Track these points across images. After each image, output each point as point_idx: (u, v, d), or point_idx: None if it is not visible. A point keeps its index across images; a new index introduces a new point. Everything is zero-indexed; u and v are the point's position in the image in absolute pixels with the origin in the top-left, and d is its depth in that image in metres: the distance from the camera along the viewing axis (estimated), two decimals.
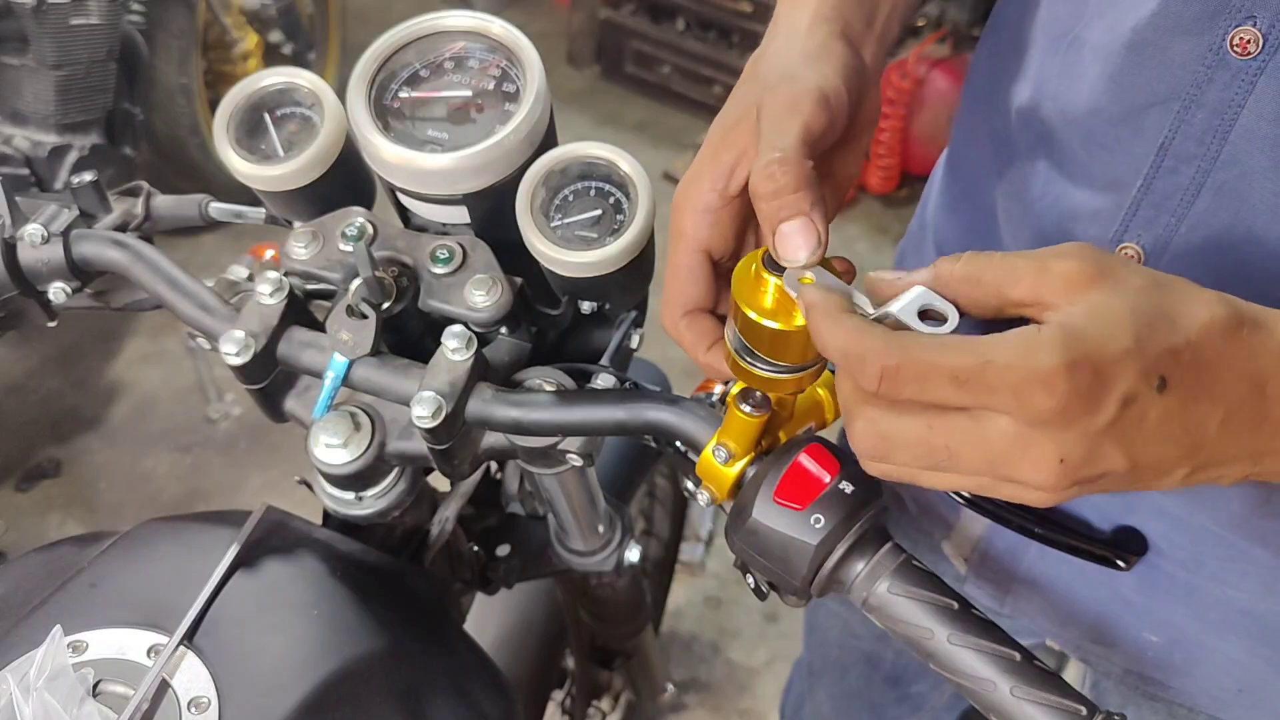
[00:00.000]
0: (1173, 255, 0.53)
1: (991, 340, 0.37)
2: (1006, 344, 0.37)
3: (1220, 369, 0.38)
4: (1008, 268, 0.39)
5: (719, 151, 0.52)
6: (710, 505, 0.55)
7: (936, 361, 0.37)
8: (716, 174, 0.52)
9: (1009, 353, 0.36)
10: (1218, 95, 0.47)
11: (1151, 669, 0.71)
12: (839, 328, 0.40)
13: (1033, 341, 0.37)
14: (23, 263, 0.67)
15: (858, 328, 0.40)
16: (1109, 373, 0.36)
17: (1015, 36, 0.61)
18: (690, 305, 0.54)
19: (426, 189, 0.60)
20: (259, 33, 2.68)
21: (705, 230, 0.53)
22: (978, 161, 0.67)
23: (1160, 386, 0.37)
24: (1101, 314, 0.37)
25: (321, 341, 0.62)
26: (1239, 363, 0.38)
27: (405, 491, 0.68)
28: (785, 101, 0.49)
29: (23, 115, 1.97)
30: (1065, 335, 0.36)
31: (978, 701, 0.46)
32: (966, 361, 0.37)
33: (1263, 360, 0.39)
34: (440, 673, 0.67)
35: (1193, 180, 0.50)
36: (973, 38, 2.79)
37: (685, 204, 0.53)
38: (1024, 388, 0.36)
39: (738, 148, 0.51)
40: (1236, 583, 0.63)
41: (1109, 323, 0.37)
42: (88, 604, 0.60)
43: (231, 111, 0.65)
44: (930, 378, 0.37)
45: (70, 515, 2.10)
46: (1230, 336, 0.38)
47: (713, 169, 0.52)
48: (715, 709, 1.89)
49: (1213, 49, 0.46)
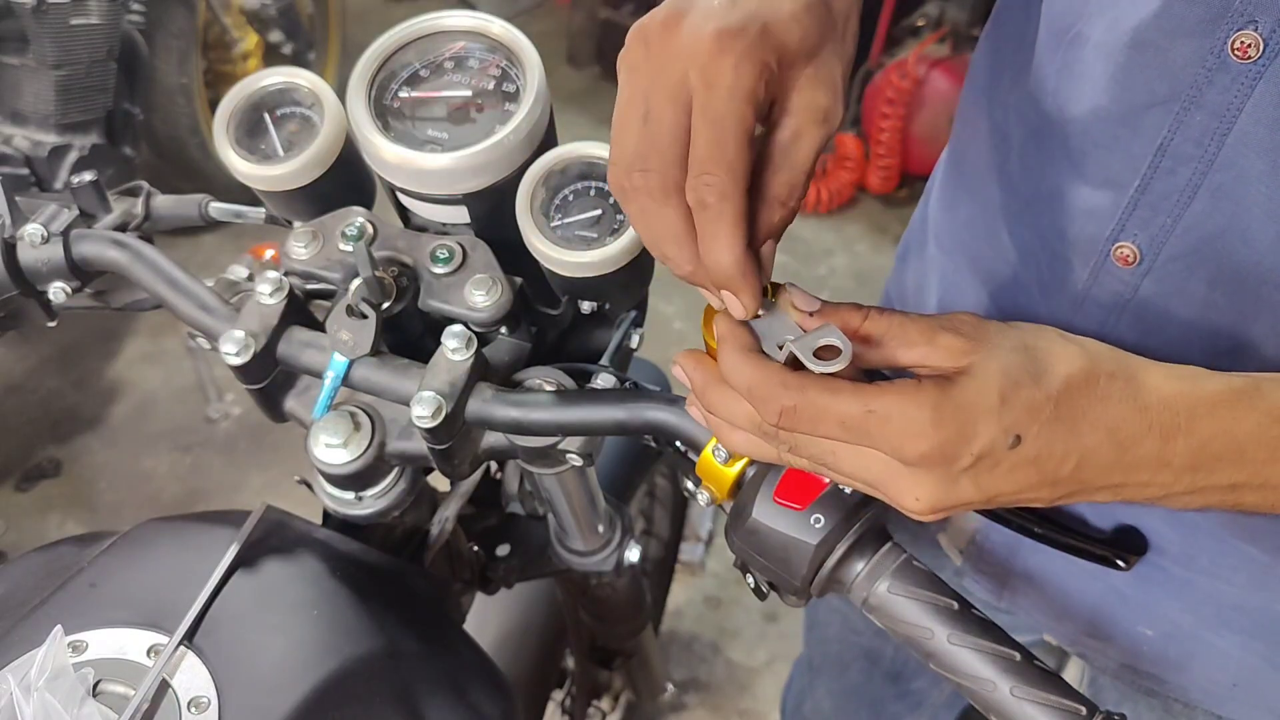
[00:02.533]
0: (1168, 255, 0.53)
1: (876, 390, 0.43)
2: (887, 396, 0.42)
3: (1076, 419, 0.43)
4: (903, 337, 0.44)
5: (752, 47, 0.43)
6: (710, 505, 0.55)
7: (827, 407, 0.43)
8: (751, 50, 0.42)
9: (888, 404, 0.42)
10: (1217, 98, 0.47)
11: (1147, 664, 0.72)
12: (744, 366, 0.44)
13: (910, 397, 0.42)
14: (23, 263, 0.67)
15: (759, 368, 0.44)
16: (969, 431, 0.42)
17: (1017, 33, 0.61)
18: (740, 178, 0.43)
19: (426, 189, 0.60)
20: (259, 33, 2.68)
21: (750, 81, 0.42)
22: (978, 158, 0.67)
23: (1014, 444, 0.42)
24: (975, 376, 0.42)
25: (321, 341, 0.62)
26: (1094, 413, 0.43)
27: (405, 491, 0.68)
28: (725, 73, 0.42)
29: (23, 115, 1.97)
30: (938, 395, 0.42)
31: (978, 701, 0.46)
32: (852, 410, 0.42)
33: (1115, 409, 0.43)
34: (440, 673, 0.67)
35: (1190, 181, 0.50)
36: (973, 38, 2.79)
37: (717, 39, 0.42)
38: (896, 438, 0.42)
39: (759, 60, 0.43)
40: (1229, 578, 0.63)
41: (980, 384, 0.42)
42: (88, 604, 0.60)
43: (231, 111, 0.65)
44: (821, 420, 0.43)
45: (70, 515, 2.10)
46: (1087, 388, 0.43)
47: (747, 45, 0.42)
48: (715, 709, 1.89)
49: (1214, 52, 0.47)
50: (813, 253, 2.82)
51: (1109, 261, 0.55)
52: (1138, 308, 0.56)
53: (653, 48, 0.44)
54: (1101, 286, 0.57)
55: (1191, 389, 0.43)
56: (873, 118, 2.83)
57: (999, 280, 0.66)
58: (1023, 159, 0.61)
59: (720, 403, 0.47)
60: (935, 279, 0.75)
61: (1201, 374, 0.44)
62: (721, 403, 0.47)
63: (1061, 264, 0.59)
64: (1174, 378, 0.44)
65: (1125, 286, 0.56)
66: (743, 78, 0.42)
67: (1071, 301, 0.59)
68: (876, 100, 2.80)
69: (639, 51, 0.45)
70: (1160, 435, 0.43)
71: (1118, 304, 0.57)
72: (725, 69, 0.42)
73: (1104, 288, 0.57)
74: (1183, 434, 0.43)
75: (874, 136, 2.84)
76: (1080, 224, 0.57)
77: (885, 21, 2.87)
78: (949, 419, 0.41)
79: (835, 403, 0.42)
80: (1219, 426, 0.43)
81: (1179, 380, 0.44)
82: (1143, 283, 0.55)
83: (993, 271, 0.67)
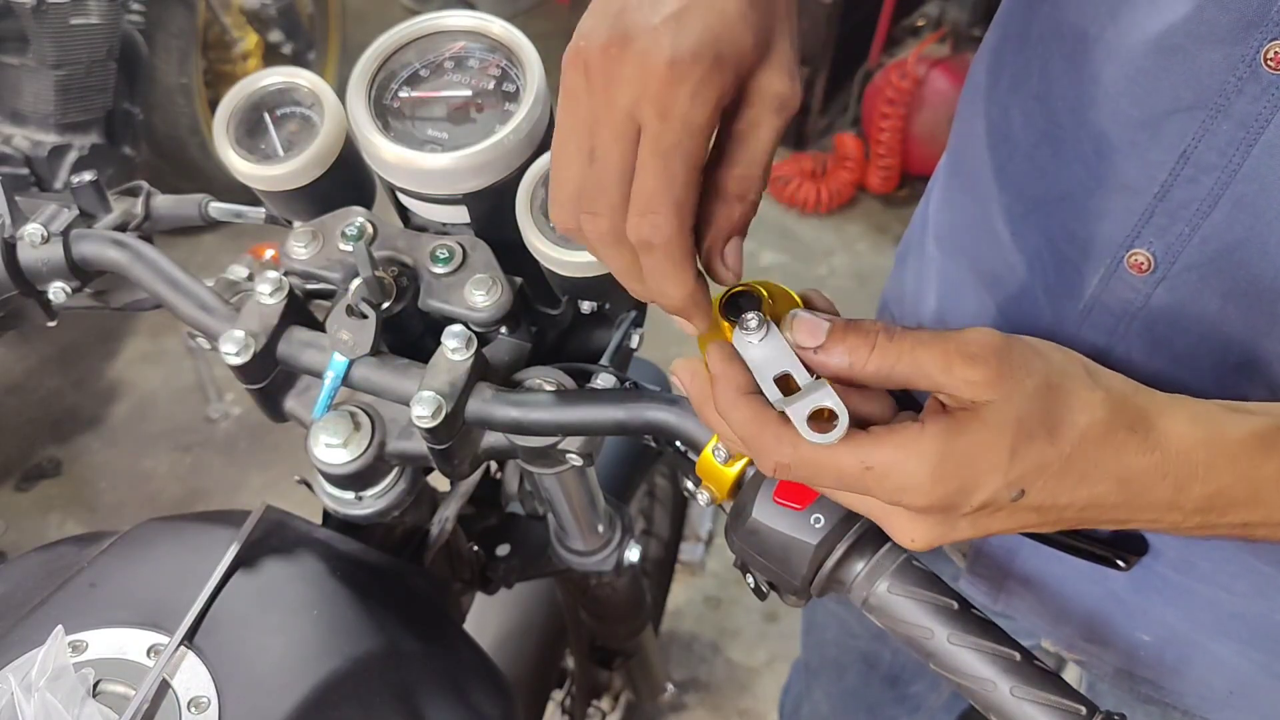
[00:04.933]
0: (1183, 265, 0.52)
1: (873, 442, 0.41)
2: (886, 449, 0.41)
3: (1086, 472, 0.41)
4: (916, 366, 0.42)
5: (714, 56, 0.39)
6: (710, 505, 0.55)
7: (823, 464, 0.42)
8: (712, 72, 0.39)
9: (887, 459, 0.41)
10: (1246, 107, 0.46)
11: (1144, 669, 0.71)
12: (737, 412, 0.44)
13: (911, 450, 0.41)
14: (23, 262, 0.67)
15: (754, 419, 0.43)
16: (971, 485, 0.41)
17: (1021, 34, 0.60)
18: (687, 215, 0.41)
19: (426, 189, 0.60)
20: (259, 32, 2.68)
21: (707, 112, 0.39)
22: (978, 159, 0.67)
23: (1018, 497, 0.41)
24: (988, 422, 0.41)
25: (321, 341, 0.62)
26: (1107, 464, 0.41)
27: (405, 491, 0.68)
28: (680, 104, 0.39)
29: (23, 115, 1.97)
30: (942, 447, 0.40)
31: (977, 701, 0.46)
32: (849, 466, 0.42)
33: (1130, 460, 0.41)
34: (440, 673, 0.67)
35: (1211, 191, 0.49)
36: (973, 38, 2.79)
37: (670, 68, 0.38)
38: (895, 493, 0.41)
39: (725, 73, 0.40)
40: (1228, 585, 0.63)
41: (991, 434, 0.40)
42: (88, 604, 0.60)
43: (231, 111, 0.65)
44: (818, 476, 0.43)
45: (70, 515, 2.10)
46: (1104, 441, 0.41)
47: (709, 61, 0.39)
48: (715, 709, 1.89)
49: (1245, 60, 0.46)
50: (813, 253, 2.81)
51: (1121, 268, 0.55)
52: (1148, 317, 0.55)
53: (595, 76, 0.40)
54: (1112, 294, 0.56)
55: (1214, 436, 0.42)
56: (873, 118, 2.83)
57: (1001, 283, 0.66)
58: (1031, 161, 0.60)
59: (716, 421, 0.47)
60: (934, 280, 0.75)
61: (1225, 417, 0.43)
62: (717, 420, 0.47)
63: (1070, 269, 0.58)
64: (1197, 423, 0.42)
65: (1137, 295, 0.55)
66: (698, 108, 0.39)
67: (1080, 308, 0.58)
68: (876, 100, 2.80)
69: (577, 79, 0.41)
70: (1175, 484, 0.42)
71: (1128, 312, 0.56)
72: (680, 99, 0.39)
73: (1114, 295, 0.56)
74: (1199, 482, 0.42)
75: (874, 136, 2.84)
76: (1092, 228, 0.56)
77: (885, 21, 2.87)
78: (951, 475, 0.40)
79: (831, 458, 0.42)
80: (1238, 474, 0.42)
81: (1202, 426, 0.42)
82: (1155, 291, 0.54)
83: (995, 274, 0.66)
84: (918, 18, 2.93)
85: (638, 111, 0.40)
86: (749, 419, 0.43)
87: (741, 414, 0.44)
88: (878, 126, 2.81)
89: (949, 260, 0.73)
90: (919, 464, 0.40)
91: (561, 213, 0.44)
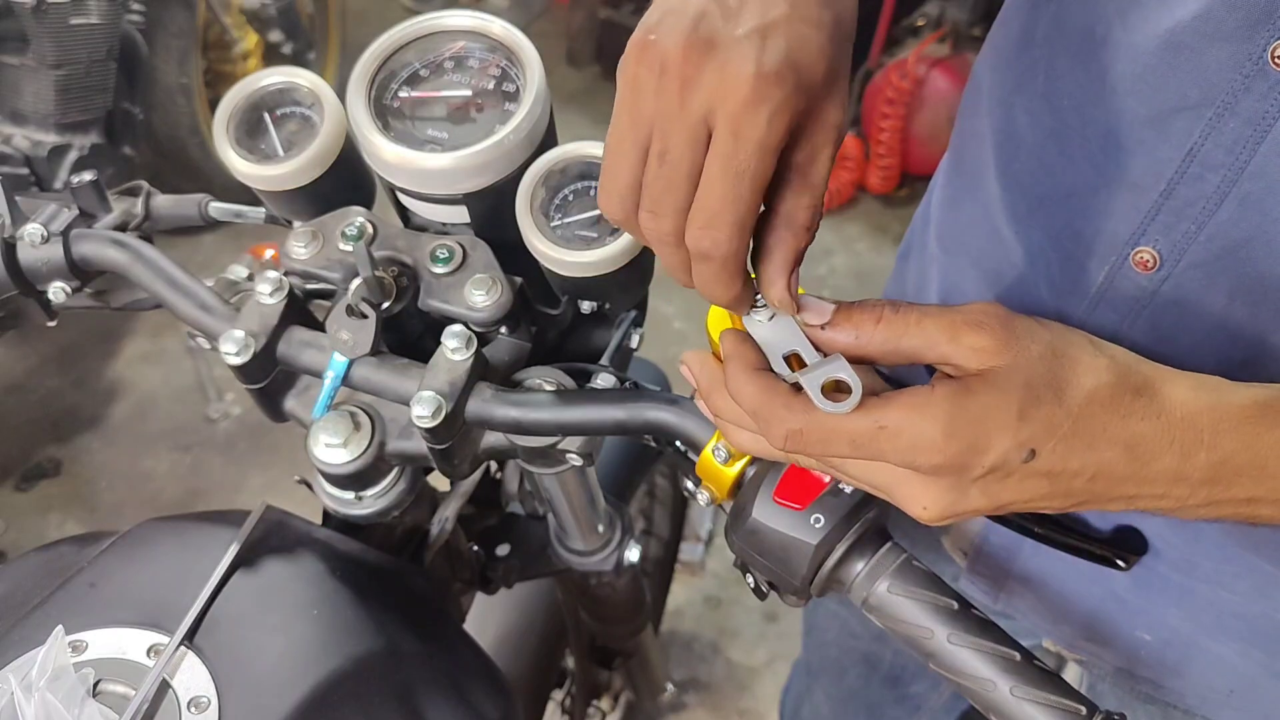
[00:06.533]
0: (1189, 262, 0.52)
1: (885, 404, 0.42)
2: (898, 409, 0.42)
3: (1094, 436, 0.42)
4: (923, 335, 0.43)
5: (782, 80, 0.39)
6: (710, 505, 0.55)
7: (836, 428, 0.42)
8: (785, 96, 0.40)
9: (899, 418, 0.42)
10: (1253, 105, 0.47)
11: (1144, 668, 0.71)
12: (749, 386, 0.44)
13: (922, 410, 0.41)
14: (23, 262, 0.67)
15: (766, 389, 0.44)
16: (983, 445, 0.41)
17: (1026, 33, 0.60)
18: (747, 232, 0.42)
19: (426, 189, 0.60)
20: (259, 32, 2.68)
21: (781, 134, 0.40)
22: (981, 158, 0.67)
23: (1029, 458, 0.41)
24: (996, 385, 0.41)
25: (321, 341, 0.62)
26: (1114, 429, 0.42)
27: (405, 491, 0.68)
28: (758, 125, 0.39)
29: (23, 115, 1.97)
30: (952, 407, 0.41)
31: (977, 701, 0.46)
32: (862, 427, 0.42)
33: (1136, 426, 0.42)
34: (440, 672, 0.67)
35: (1218, 189, 0.49)
36: (973, 37, 2.79)
37: (754, 85, 0.39)
38: (908, 452, 0.42)
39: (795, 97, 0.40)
40: (1230, 585, 0.63)
41: (999, 396, 0.41)
42: (88, 604, 0.60)
43: (231, 111, 0.65)
44: (831, 441, 0.43)
45: (70, 515, 2.10)
46: (1110, 405, 0.42)
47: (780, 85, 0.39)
48: (715, 709, 1.89)
49: (1252, 58, 0.46)
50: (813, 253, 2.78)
51: (1127, 265, 0.55)
52: (1153, 313, 0.55)
53: (670, 76, 0.40)
54: (1117, 290, 0.56)
55: (1217, 402, 0.43)
56: (873, 118, 2.83)
57: (1004, 282, 0.66)
58: (1036, 159, 0.60)
59: (725, 406, 0.47)
60: (936, 278, 0.75)
61: (1227, 385, 0.44)
62: (726, 406, 0.47)
63: (1075, 266, 0.58)
64: (1200, 390, 0.43)
65: (1142, 291, 0.55)
66: (774, 131, 0.40)
67: (1084, 305, 0.58)
68: (876, 100, 2.80)
69: (647, 75, 0.41)
70: (1181, 451, 0.42)
71: (1133, 309, 0.56)
72: (759, 121, 0.39)
73: (1119, 292, 0.56)
74: (1205, 449, 0.42)
75: (874, 136, 2.84)
76: (1098, 226, 0.56)
77: (885, 21, 2.87)
78: (962, 432, 0.41)
79: (844, 422, 0.42)
80: (1242, 441, 0.42)
81: (1205, 393, 0.43)
82: (1161, 288, 0.54)
83: (998, 272, 0.66)
84: (918, 17, 2.93)
85: (712, 120, 0.40)
86: (760, 391, 0.44)
87: (753, 388, 0.44)
88: (877, 126, 2.82)
89: (951, 259, 0.73)
90: (931, 423, 0.41)
91: (611, 203, 0.44)
